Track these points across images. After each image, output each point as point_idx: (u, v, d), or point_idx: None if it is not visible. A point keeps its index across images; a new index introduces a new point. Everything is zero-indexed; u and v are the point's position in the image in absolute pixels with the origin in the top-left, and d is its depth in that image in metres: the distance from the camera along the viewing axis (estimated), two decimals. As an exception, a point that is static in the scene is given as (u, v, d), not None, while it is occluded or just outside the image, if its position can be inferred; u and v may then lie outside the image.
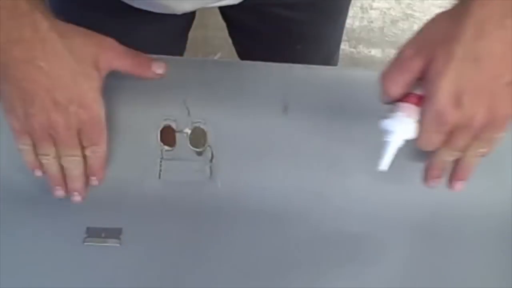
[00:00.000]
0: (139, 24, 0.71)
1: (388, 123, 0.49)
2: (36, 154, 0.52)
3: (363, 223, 0.58)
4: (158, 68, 0.55)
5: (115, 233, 0.55)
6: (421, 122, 0.48)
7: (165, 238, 0.55)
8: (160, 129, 0.60)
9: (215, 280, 0.54)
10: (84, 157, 0.53)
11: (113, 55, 0.51)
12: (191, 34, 0.83)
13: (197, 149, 0.60)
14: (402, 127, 0.48)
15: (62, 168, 0.53)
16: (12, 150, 0.54)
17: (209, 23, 0.86)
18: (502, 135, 0.50)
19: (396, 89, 0.48)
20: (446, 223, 0.59)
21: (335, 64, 0.91)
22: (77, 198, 0.54)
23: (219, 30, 0.85)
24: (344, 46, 1.60)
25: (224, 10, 0.79)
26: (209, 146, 0.60)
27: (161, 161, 0.58)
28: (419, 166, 0.56)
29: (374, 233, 0.58)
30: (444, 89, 0.45)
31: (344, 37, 0.90)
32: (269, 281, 0.54)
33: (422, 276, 0.56)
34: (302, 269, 0.55)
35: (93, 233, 0.55)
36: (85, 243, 0.54)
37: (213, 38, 1.38)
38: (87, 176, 0.54)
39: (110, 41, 0.52)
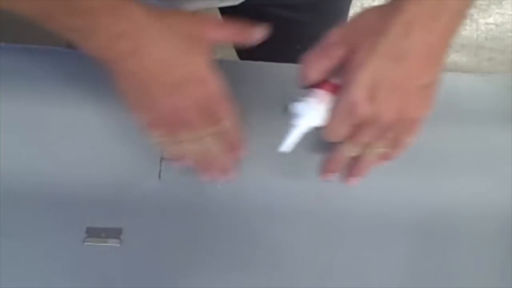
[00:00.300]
0: None
1: (298, 107, 0.48)
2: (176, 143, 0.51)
3: (363, 223, 0.58)
4: (257, 33, 0.51)
5: (115, 233, 0.55)
6: (332, 111, 0.48)
7: (165, 238, 0.55)
8: (160, 129, 0.60)
9: (215, 279, 0.54)
10: (219, 134, 0.52)
11: (210, 27, 0.49)
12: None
13: (197, 149, 0.60)
14: (312, 113, 0.48)
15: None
16: (12, 150, 0.54)
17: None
18: (410, 140, 0.50)
19: (314, 73, 0.48)
20: (446, 223, 0.59)
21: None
22: (228, 176, 0.53)
23: (219, 30, 0.86)
24: (344, 46, 1.60)
25: (224, 11, 0.79)
26: (209, 146, 0.60)
27: (161, 161, 0.58)
28: (419, 166, 0.56)
29: (374, 233, 0.58)
30: (361, 81, 0.45)
31: (344, 37, 0.90)
32: (269, 281, 0.54)
33: (422, 275, 0.56)
34: (302, 269, 0.55)
35: (93, 233, 0.55)
36: (85, 243, 0.54)
37: (213, 38, 1.38)
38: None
39: (203, 15, 0.50)
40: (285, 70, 0.64)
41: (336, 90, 0.48)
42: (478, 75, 0.68)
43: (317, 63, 0.48)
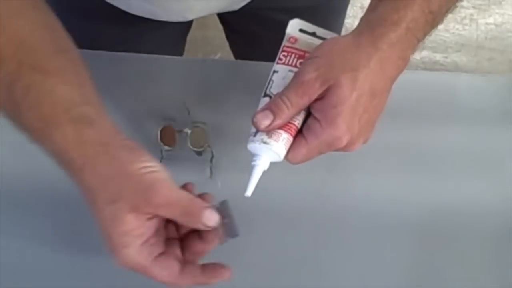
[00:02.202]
0: (139, 31, 0.71)
1: (258, 148, 0.48)
2: None
3: (363, 222, 0.58)
4: (209, 220, 0.44)
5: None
6: (308, 143, 0.47)
7: (165, 238, 0.55)
8: (160, 129, 0.60)
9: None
10: None
11: (160, 201, 0.43)
12: (191, 34, 0.83)
13: (197, 149, 0.60)
14: (271, 153, 0.48)
15: None
16: (12, 150, 0.54)
17: (209, 23, 0.86)
18: None
19: (290, 115, 0.47)
20: (446, 222, 0.59)
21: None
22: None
23: (219, 30, 0.85)
24: (344, 46, 1.60)
25: (222, 15, 0.79)
26: (209, 146, 0.60)
27: (161, 161, 0.58)
28: (419, 165, 0.56)
29: (374, 233, 0.58)
30: (345, 117, 0.46)
31: (344, 37, 0.90)
32: (269, 281, 0.54)
33: (422, 275, 0.56)
34: (303, 268, 0.55)
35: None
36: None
37: (213, 38, 1.38)
38: None
39: (162, 185, 0.44)
40: (285, 70, 0.64)
41: (294, 132, 0.47)
42: (478, 75, 0.68)
43: (297, 102, 0.47)
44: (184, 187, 0.48)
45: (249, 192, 0.48)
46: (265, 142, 0.47)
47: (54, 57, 0.45)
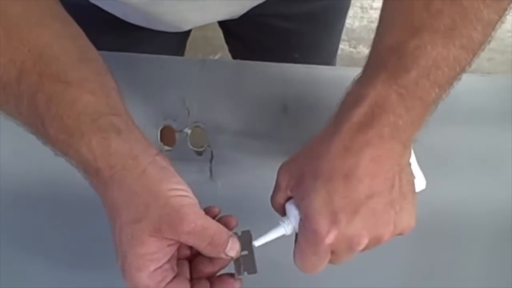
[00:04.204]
0: (137, 39, 0.71)
1: (292, 212, 0.45)
2: None
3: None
4: (231, 249, 0.44)
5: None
6: (297, 245, 0.45)
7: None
8: (160, 129, 0.60)
9: (215, 280, 0.54)
10: None
11: (186, 229, 0.41)
12: (191, 34, 0.83)
13: (197, 149, 0.60)
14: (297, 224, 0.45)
15: None
16: (12, 150, 0.54)
17: (209, 24, 0.86)
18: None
19: (277, 206, 0.47)
20: (446, 222, 0.59)
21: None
22: None
23: (219, 30, 0.85)
24: (344, 46, 1.60)
25: (224, 23, 0.79)
26: (209, 146, 0.60)
27: (161, 161, 0.58)
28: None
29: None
30: (317, 207, 0.42)
31: (344, 37, 0.90)
32: (269, 281, 0.54)
33: (422, 275, 0.56)
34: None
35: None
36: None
37: (213, 38, 1.38)
38: None
39: (189, 212, 0.42)
40: (285, 70, 0.64)
41: None
42: (478, 75, 0.68)
43: (275, 199, 0.46)
44: (209, 210, 0.46)
45: (258, 243, 0.46)
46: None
47: (76, 67, 0.43)
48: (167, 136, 0.60)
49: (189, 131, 0.60)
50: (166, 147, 0.59)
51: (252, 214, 0.57)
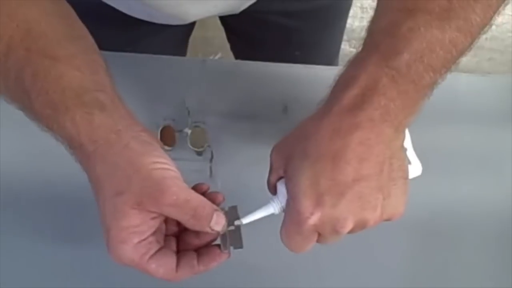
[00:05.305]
0: (141, 34, 0.72)
1: (281, 188, 0.45)
2: None
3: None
4: (216, 223, 0.43)
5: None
6: (282, 225, 0.44)
7: (165, 238, 0.55)
8: (160, 129, 0.60)
9: (215, 280, 0.54)
10: None
11: (168, 201, 0.41)
12: (191, 34, 0.83)
13: (197, 149, 0.60)
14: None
15: None
16: (12, 150, 0.54)
17: (209, 24, 0.86)
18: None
19: (271, 186, 0.46)
20: (446, 222, 0.59)
21: (335, 69, 0.91)
22: None
23: (219, 30, 0.85)
24: (344, 46, 1.60)
25: (223, 17, 0.79)
26: (209, 146, 0.60)
27: (161, 161, 0.58)
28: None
29: (373, 232, 0.58)
30: (302, 188, 0.41)
31: (344, 37, 0.90)
32: (269, 281, 0.54)
33: (422, 275, 0.56)
34: (302, 269, 0.55)
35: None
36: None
37: (213, 38, 1.38)
38: None
39: (171, 184, 0.42)
40: (285, 70, 0.64)
41: None
42: (478, 75, 0.68)
43: (269, 179, 0.46)
44: (197, 187, 0.46)
45: (246, 221, 0.46)
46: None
47: (64, 44, 0.43)
48: (167, 136, 0.60)
49: (189, 131, 0.60)
50: (166, 147, 0.59)
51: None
